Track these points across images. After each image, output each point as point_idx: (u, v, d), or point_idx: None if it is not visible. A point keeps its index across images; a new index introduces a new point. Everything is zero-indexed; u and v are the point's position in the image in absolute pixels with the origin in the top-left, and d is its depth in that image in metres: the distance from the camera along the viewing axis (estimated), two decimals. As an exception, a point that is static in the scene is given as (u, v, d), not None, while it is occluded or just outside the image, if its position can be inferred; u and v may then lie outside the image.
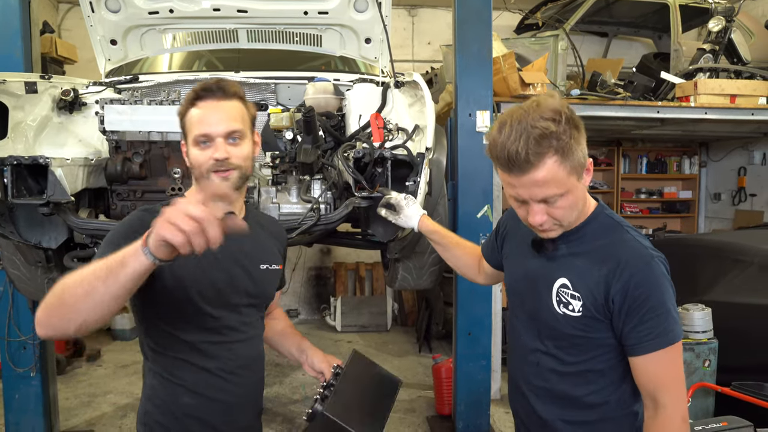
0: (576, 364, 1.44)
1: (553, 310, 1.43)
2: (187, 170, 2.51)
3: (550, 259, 1.47)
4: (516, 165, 1.29)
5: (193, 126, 1.48)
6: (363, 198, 2.28)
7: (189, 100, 1.50)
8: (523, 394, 1.56)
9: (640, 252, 1.38)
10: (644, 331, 1.34)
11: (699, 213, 8.13)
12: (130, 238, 1.22)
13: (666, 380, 1.36)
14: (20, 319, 3.64)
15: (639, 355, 1.36)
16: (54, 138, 2.63)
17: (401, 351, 5.74)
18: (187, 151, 1.52)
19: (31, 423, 3.72)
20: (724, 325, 3.21)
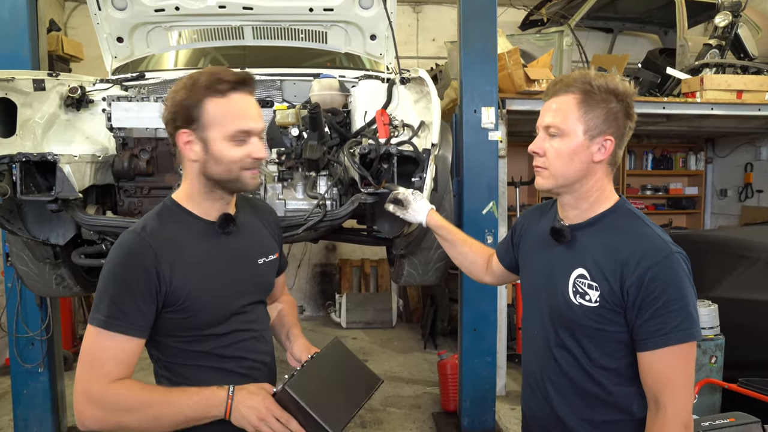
0: (593, 360, 1.42)
1: (569, 300, 1.42)
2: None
3: (569, 248, 1.46)
4: (551, 90, 1.44)
5: (228, 118, 1.36)
6: (369, 194, 2.29)
7: (216, 89, 1.36)
8: (540, 390, 1.53)
9: (659, 245, 1.36)
10: (656, 326, 1.31)
11: (705, 209, 8.10)
12: (138, 270, 1.32)
13: (672, 380, 1.31)
14: (28, 316, 3.66)
15: (647, 351, 1.33)
16: (62, 135, 2.64)
17: (406, 347, 5.75)
18: (203, 144, 1.37)
19: (39, 418, 3.74)
20: (730, 322, 3.21)
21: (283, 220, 2.42)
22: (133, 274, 1.31)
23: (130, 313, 1.31)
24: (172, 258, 1.35)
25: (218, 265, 1.44)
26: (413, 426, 4.01)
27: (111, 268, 1.34)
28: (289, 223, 2.37)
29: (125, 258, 1.34)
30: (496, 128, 3.73)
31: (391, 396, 4.52)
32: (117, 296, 1.31)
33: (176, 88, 1.38)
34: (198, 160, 1.39)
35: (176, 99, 1.36)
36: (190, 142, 1.37)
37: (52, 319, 3.71)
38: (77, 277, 2.88)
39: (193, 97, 1.35)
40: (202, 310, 1.39)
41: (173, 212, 1.43)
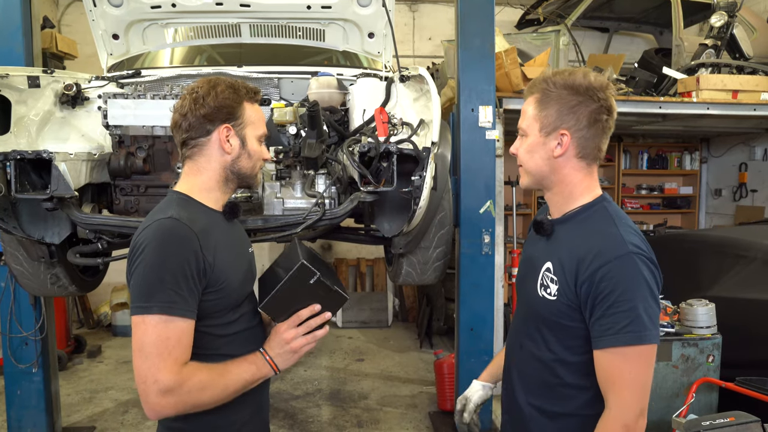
0: (553, 352, 1.43)
1: (536, 292, 1.45)
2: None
3: (548, 242, 1.48)
4: (525, 93, 1.53)
5: (258, 122, 1.55)
6: (368, 192, 2.27)
7: (250, 95, 1.55)
8: (508, 377, 1.58)
9: (616, 245, 1.33)
10: (606, 325, 1.29)
11: (700, 209, 8.12)
12: (189, 254, 1.36)
13: (617, 381, 1.29)
14: (22, 315, 3.64)
15: (597, 349, 1.32)
16: (57, 133, 2.61)
17: (402, 347, 5.74)
18: (240, 140, 1.50)
19: (33, 419, 3.72)
20: (727, 321, 3.21)
21: (282, 218, 2.40)
22: (185, 258, 1.35)
23: (187, 296, 1.35)
24: (209, 242, 1.42)
25: (235, 250, 1.54)
26: (410, 425, 4.01)
27: (160, 253, 1.35)
28: (287, 222, 2.35)
29: (175, 243, 1.36)
30: (493, 127, 3.72)
31: (387, 395, 4.51)
32: (173, 281, 1.33)
33: (216, 89, 1.48)
34: (231, 154, 1.50)
35: (220, 97, 1.47)
36: (229, 137, 1.49)
37: (47, 319, 3.68)
38: (72, 277, 2.85)
39: (237, 98, 1.50)
40: (234, 289, 1.48)
41: (189, 203, 1.49)
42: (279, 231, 2.39)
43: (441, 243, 2.81)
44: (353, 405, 4.34)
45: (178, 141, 1.53)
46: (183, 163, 1.54)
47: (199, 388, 1.35)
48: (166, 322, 1.32)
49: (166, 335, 1.32)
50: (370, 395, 4.52)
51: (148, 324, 1.32)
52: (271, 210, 2.55)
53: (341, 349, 5.68)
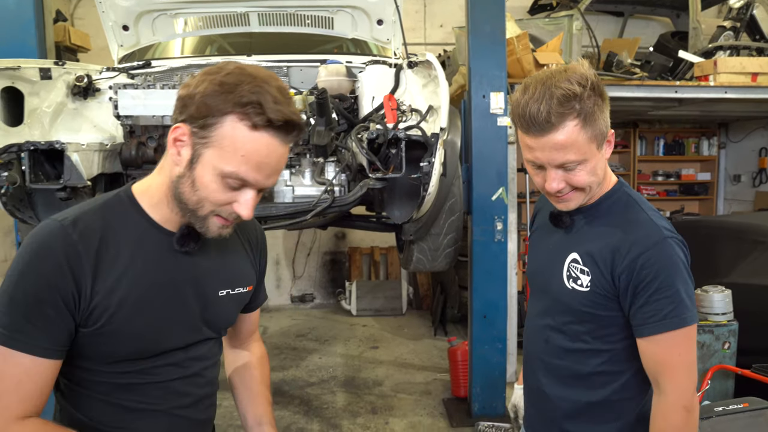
0: (585, 342, 1.40)
1: (563, 284, 1.40)
2: None
3: (567, 233, 1.44)
4: (536, 125, 1.25)
5: (237, 154, 1.09)
6: (378, 179, 2.27)
7: (250, 115, 1.06)
8: (532, 369, 1.54)
9: (652, 231, 1.32)
10: (650, 312, 1.28)
11: (718, 195, 8.01)
12: (51, 271, 1.02)
13: (670, 365, 1.30)
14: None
15: (644, 337, 1.31)
16: (69, 124, 2.64)
17: (416, 334, 5.75)
18: (194, 156, 1.07)
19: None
20: (744, 307, 3.17)
21: (292, 206, 2.41)
22: (44, 275, 1.02)
23: (40, 326, 1.01)
24: (98, 265, 1.06)
25: (162, 288, 1.13)
26: (423, 412, 4.02)
27: (19, 263, 1.04)
28: (297, 209, 2.36)
29: (38, 252, 1.04)
30: (504, 113, 3.69)
31: (401, 382, 4.53)
32: (23, 303, 1.01)
33: (209, 77, 1.05)
34: (177, 167, 1.07)
35: (201, 89, 1.04)
36: (181, 142, 1.06)
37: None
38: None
39: (221, 102, 1.03)
40: (124, 340, 1.10)
41: (125, 207, 1.13)
42: (289, 218, 2.40)
43: (451, 229, 2.81)
44: (368, 392, 4.37)
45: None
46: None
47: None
48: (4, 356, 1.00)
49: (1, 372, 1.01)
50: (384, 382, 4.54)
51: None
52: (281, 198, 2.56)
53: (356, 337, 5.71)
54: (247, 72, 1.05)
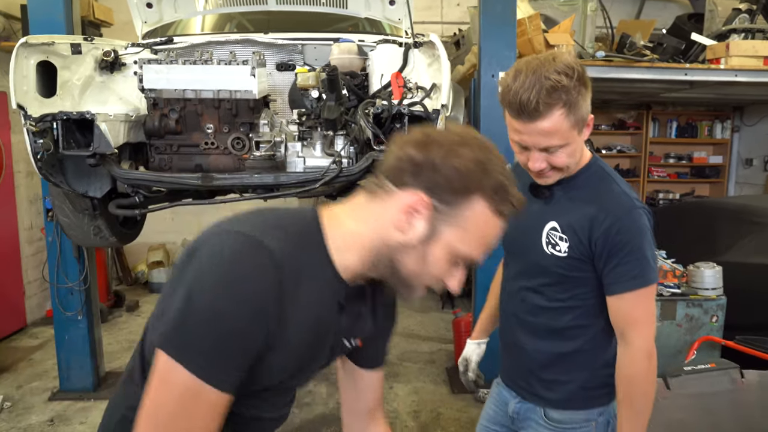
0: (560, 300, 1.57)
1: (542, 250, 1.56)
2: (219, 125, 2.73)
3: (546, 203, 1.59)
4: (525, 112, 1.37)
5: (478, 238, 1.02)
6: (381, 151, 2.43)
7: (500, 202, 0.98)
8: (510, 326, 1.71)
9: (624, 202, 1.49)
10: (621, 273, 1.46)
11: (729, 178, 8.03)
12: (259, 309, 0.89)
13: (636, 318, 1.48)
14: (67, 267, 3.92)
15: (614, 294, 1.49)
16: (97, 96, 2.82)
17: (425, 308, 5.94)
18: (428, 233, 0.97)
19: (80, 362, 4.03)
20: (739, 285, 3.29)
21: (303, 175, 2.59)
22: (248, 305, 0.89)
23: (231, 356, 0.90)
24: (292, 301, 0.93)
25: (320, 338, 1.04)
26: (427, 379, 4.22)
27: (222, 294, 0.88)
28: (307, 178, 2.54)
29: (246, 287, 0.89)
30: (513, 93, 3.79)
31: (407, 351, 4.72)
32: (224, 338, 0.88)
33: (455, 149, 0.95)
34: (402, 235, 0.96)
35: (451, 163, 0.94)
36: (417, 213, 0.95)
37: (89, 271, 3.97)
38: (113, 228, 3.11)
39: (474, 182, 0.95)
40: (265, 374, 0.98)
41: (311, 243, 0.99)
42: (300, 186, 2.57)
43: (453, 202, 2.96)
44: (374, 359, 4.57)
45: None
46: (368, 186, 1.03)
47: None
48: (197, 391, 0.88)
49: (194, 410, 0.89)
50: (390, 351, 4.72)
51: (174, 382, 0.88)
52: (293, 167, 2.73)
53: (365, 309, 5.92)
54: (486, 146, 0.99)
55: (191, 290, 0.89)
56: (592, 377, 1.60)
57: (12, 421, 3.62)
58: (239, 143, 2.72)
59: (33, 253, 5.52)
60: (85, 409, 3.80)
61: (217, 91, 2.64)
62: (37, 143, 2.42)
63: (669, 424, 1.95)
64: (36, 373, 4.36)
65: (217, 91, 2.64)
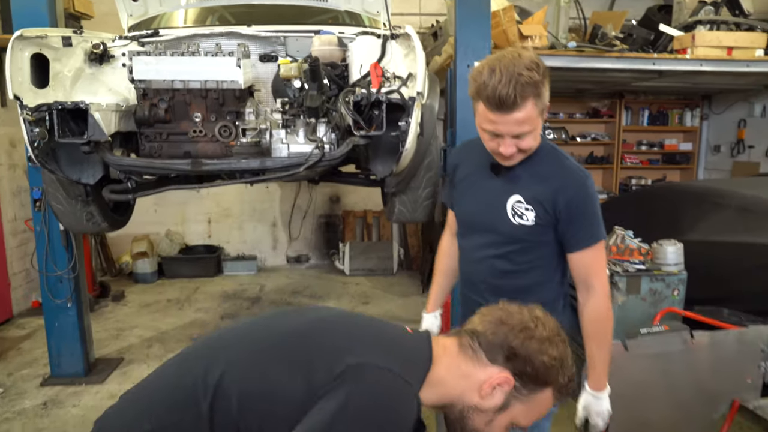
0: (525, 263, 1.81)
1: (509, 221, 1.77)
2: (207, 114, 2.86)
3: (506, 181, 1.79)
4: (504, 105, 1.55)
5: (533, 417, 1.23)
6: (362, 137, 2.59)
7: (564, 389, 1.21)
8: (478, 291, 1.90)
9: (578, 175, 1.74)
10: (582, 233, 1.72)
11: (698, 165, 8.31)
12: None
13: (595, 268, 1.75)
14: (56, 256, 3.99)
15: (577, 251, 1.74)
16: (87, 87, 2.92)
17: (406, 292, 6.11)
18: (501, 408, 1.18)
19: (70, 348, 4.12)
20: (698, 262, 3.49)
21: (287, 160, 2.74)
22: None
23: None
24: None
25: None
26: (408, 358, 4.38)
27: (373, 428, 1.02)
28: (291, 163, 2.68)
29: (394, 427, 1.04)
30: (487, 83, 3.95)
31: (389, 333, 4.88)
32: None
33: (545, 347, 1.15)
34: (480, 399, 1.16)
35: (541, 359, 1.13)
36: (501, 388, 1.15)
37: (77, 260, 4.05)
38: (105, 214, 3.22)
39: (554, 377, 1.15)
40: None
41: (418, 368, 1.17)
42: (285, 170, 2.72)
43: (429, 184, 3.13)
44: (357, 340, 4.73)
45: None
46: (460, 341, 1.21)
47: None
48: None
49: None
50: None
51: None
52: (278, 153, 2.87)
53: (348, 294, 6.07)
54: (565, 341, 1.19)
55: (348, 405, 1.01)
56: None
57: (6, 405, 3.72)
58: (226, 131, 2.86)
59: (17, 245, 5.56)
60: (77, 393, 3.90)
61: (204, 81, 2.77)
62: (33, 132, 2.52)
63: (628, 381, 2.14)
64: (26, 361, 4.44)
65: (205, 81, 2.77)
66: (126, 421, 1.16)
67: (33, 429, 3.42)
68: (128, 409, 1.20)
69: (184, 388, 1.13)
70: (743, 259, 3.41)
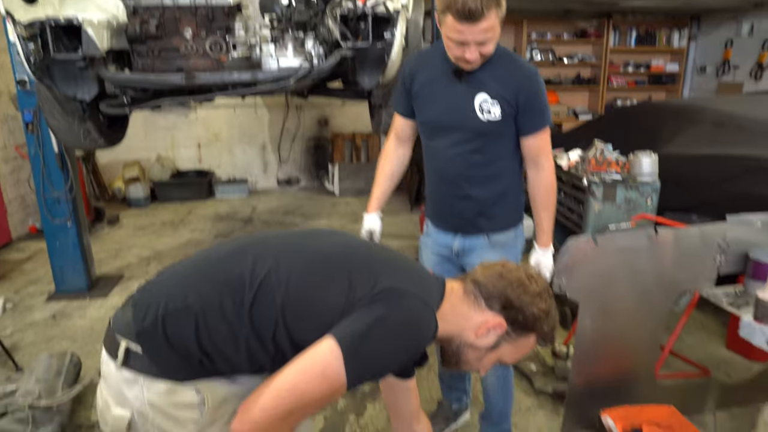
0: (494, 153, 2.05)
1: (477, 119, 1.98)
2: (197, 30, 2.90)
3: (469, 83, 1.97)
4: (473, 16, 1.72)
5: (521, 352, 1.43)
6: (348, 48, 2.67)
7: (545, 336, 1.39)
8: (457, 184, 2.10)
9: (530, 70, 1.99)
10: (536, 119, 2.00)
11: (684, 85, 8.39)
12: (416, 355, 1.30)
13: (545, 148, 2.06)
14: (52, 177, 4.08)
15: (531, 134, 2.02)
16: (75, 4, 2.91)
17: (395, 210, 6.32)
18: (494, 344, 1.37)
19: (73, 265, 4.30)
20: (672, 173, 3.67)
21: (278, 73, 2.82)
22: (408, 360, 1.31)
23: (373, 381, 1.28)
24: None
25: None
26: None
27: (399, 343, 1.20)
28: (282, 75, 2.77)
29: (417, 344, 1.25)
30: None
31: (378, 248, 5.10)
32: (384, 371, 1.25)
33: (538, 301, 1.32)
34: (473, 337, 1.35)
35: (531, 311, 1.32)
36: (494, 331, 1.34)
37: (74, 180, 4.15)
38: (101, 130, 3.31)
39: (540, 327, 1.34)
40: None
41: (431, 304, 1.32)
42: (275, 83, 2.81)
43: (415, 98, 3.24)
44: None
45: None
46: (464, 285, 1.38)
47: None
48: (340, 391, 1.16)
49: (322, 396, 1.15)
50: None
51: (331, 381, 1.14)
52: (268, 67, 2.95)
53: (338, 213, 6.26)
54: (552, 295, 1.37)
55: (384, 319, 1.18)
56: (516, 204, 2.19)
57: (16, 318, 3.93)
58: (217, 45, 2.91)
59: (10, 172, 5.63)
60: (82, 307, 4.11)
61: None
62: (28, 48, 2.56)
63: (596, 274, 2.35)
64: (30, 280, 4.63)
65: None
66: (168, 291, 1.26)
67: (44, 337, 3.64)
68: (170, 281, 1.31)
69: (230, 272, 1.25)
70: (713, 170, 3.59)
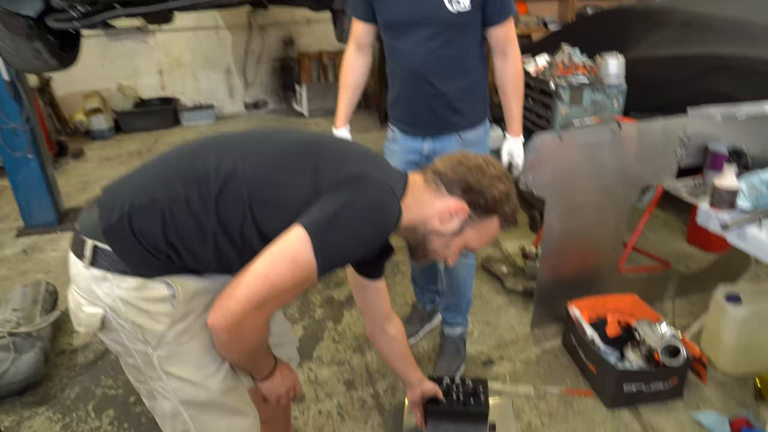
0: (463, 46, 2.03)
1: (448, 11, 1.94)
2: None
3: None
4: None
5: (484, 239, 1.46)
6: None
7: (509, 220, 1.43)
8: (429, 81, 2.06)
9: None
10: (502, 8, 2.01)
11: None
12: (380, 243, 1.25)
13: (511, 37, 2.07)
14: (6, 108, 3.89)
15: (499, 24, 2.03)
16: None
17: (365, 128, 6.28)
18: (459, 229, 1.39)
19: (39, 199, 4.20)
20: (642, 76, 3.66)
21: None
22: (375, 245, 1.25)
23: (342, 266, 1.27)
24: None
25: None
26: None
27: (365, 226, 1.20)
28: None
29: (382, 227, 1.23)
30: None
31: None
32: (352, 255, 1.23)
33: (497, 184, 1.35)
34: (438, 223, 1.36)
35: (492, 194, 1.34)
36: (457, 215, 1.35)
37: (30, 112, 3.99)
38: (52, 51, 3.15)
39: (501, 209, 1.37)
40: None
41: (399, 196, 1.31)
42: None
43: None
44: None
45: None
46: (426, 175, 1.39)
47: (255, 341, 1.25)
48: (312, 278, 1.17)
49: (300, 276, 1.16)
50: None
51: (303, 267, 1.15)
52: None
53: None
54: (510, 179, 1.40)
55: (349, 203, 1.16)
56: (483, 100, 2.18)
57: (-14, 255, 3.87)
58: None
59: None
60: (54, 240, 4.06)
61: None
62: None
63: (561, 170, 2.39)
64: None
65: None
66: (134, 188, 1.23)
67: (18, 271, 3.61)
68: (135, 179, 1.27)
69: (196, 167, 1.23)
70: (679, 70, 3.60)
